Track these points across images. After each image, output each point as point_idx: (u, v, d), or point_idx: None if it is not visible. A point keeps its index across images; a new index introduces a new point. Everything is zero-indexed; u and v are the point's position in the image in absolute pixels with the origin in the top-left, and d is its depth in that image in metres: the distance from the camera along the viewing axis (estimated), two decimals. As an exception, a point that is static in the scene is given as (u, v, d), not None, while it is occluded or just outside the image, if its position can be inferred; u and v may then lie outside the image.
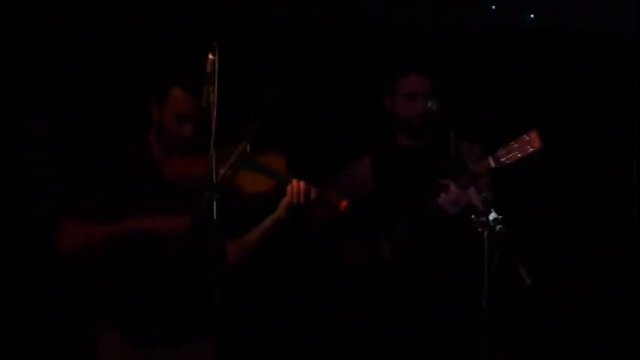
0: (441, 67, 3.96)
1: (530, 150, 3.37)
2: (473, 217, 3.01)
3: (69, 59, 4.18)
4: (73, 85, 4.19)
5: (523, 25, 4.49)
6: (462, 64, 4.45)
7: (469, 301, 3.27)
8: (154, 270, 3.19)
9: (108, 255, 3.17)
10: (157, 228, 3.14)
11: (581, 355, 4.55)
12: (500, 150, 3.42)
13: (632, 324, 4.38)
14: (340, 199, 3.20)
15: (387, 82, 3.75)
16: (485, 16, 4.42)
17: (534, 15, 4.44)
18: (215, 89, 2.76)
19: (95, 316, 3.27)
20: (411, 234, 3.60)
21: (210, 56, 2.76)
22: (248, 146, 3.15)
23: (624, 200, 4.51)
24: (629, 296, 4.41)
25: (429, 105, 3.46)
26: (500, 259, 2.96)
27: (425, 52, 4.40)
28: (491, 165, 3.43)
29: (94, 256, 3.18)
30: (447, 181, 3.46)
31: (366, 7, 4.39)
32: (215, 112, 2.75)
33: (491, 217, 2.96)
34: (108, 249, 3.15)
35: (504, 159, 3.41)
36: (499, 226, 2.95)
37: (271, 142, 3.20)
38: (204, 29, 4.00)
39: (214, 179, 2.76)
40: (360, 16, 4.42)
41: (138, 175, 3.21)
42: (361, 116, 4.41)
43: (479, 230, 2.96)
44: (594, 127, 4.55)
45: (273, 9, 4.30)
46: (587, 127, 4.56)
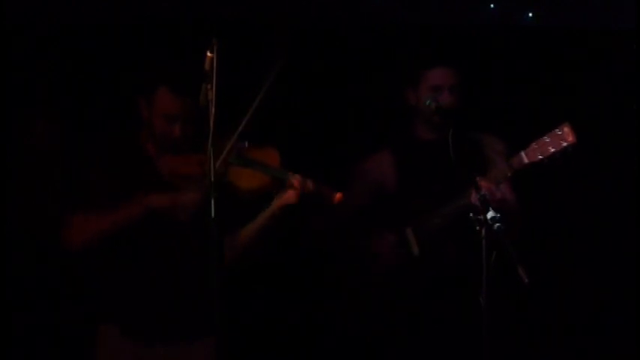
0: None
1: (564, 145, 3.23)
2: (471, 215, 3.00)
3: (67, 58, 4.18)
4: (71, 84, 4.19)
5: (522, 24, 4.49)
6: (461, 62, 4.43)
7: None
8: (154, 268, 3.20)
9: (117, 244, 3.16)
10: (165, 204, 3.12)
11: (581, 355, 4.55)
12: (533, 145, 3.29)
13: (633, 324, 4.38)
14: (334, 191, 3.17)
15: (410, 74, 3.70)
16: (484, 15, 4.43)
17: (533, 14, 4.44)
18: (213, 87, 2.75)
19: (96, 313, 3.27)
20: (441, 230, 3.54)
21: (209, 54, 2.75)
22: (246, 142, 3.15)
23: (624, 199, 4.51)
24: (629, 296, 4.41)
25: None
26: (498, 257, 2.96)
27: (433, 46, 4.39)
28: (525, 161, 3.30)
29: (103, 248, 3.17)
30: (480, 178, 3.31)
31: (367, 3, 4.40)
32: (213, 109, 2.75)
33: (489, 215, 2.95)
34: (118, 236, 3.13)
35: (538, 154, 3.27)
36: (497, 225, 2.94)
37: (279, 137, 3.20)
38: (201, 27, 4.00)
39: (212, 177, 2.75)
40: (364, 12, 4.43)
41: (135, 173, 3.21)
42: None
43: (477, 228, 2.96)
44: (594, 126, 4.54)
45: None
46: (586, 127, 4.54)
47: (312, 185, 3.13)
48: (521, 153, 3.32)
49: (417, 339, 3.62)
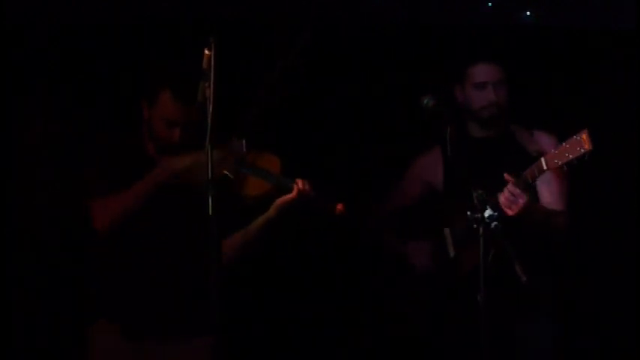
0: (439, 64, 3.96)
1: (582, 151, 3.22)
2: (468, 213, 3.01)
3: (67, 58, 4.18)
4: (71, 84, 4.19)
5: (520, 23, 4.49)
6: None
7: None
8: (151, 265, 3.21)
9: (132, 227, 3.17)
10: (182, 165, 3.12)
11: (581, 355, 4.55)
12: (553, 151, 3.30)
13: (633, 323, 4.38)
14: (335, 202, 3.19)
15: (456, 71, 3.71)
16: (482, 14, 4.43)
17: (530, 12, 4.44)
18: (211, 85, 2.76)
19: (90, 309, 3.28)
20: (471, 231, 3.53)
21: (207, 52, 2.76)
22: (243, 144, 3.15)
23: (624, 199, 4.51)
24: (628, 295, 4.41)
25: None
26: (496, 256, 2.97)
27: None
28: (544, 167, 3.30)
29: (131, 225, 3.17)
30: (507, 177, 3.32)
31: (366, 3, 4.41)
32: (211, 107, 2.75)
33: (487, 214, 2.96)
34: (143, 208, 3.14)
35: (557, 160, 3.27)
36: (494, 223, 2.95)
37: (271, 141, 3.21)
38: (201, 27, 4.00)
39: (210, 175, 2.76)
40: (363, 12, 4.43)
41: (134, 172, 3.20)
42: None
43: (474, 227, 2.97)
44: (593, 125, 4.54)
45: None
46: (585, 126, 4.54)
47: (311, 193, 3.15)
48: (541, 160, 3.33)
49: (447, 341, 3.65)
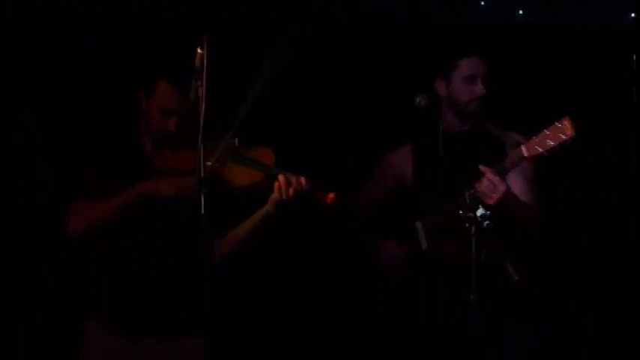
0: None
1: (564, 138, 3.23)
2: (461, 212, 3.01)
3: (65, 55, 4.20)
4: (71, 84, 4.21)
5: (512, 22, 4.49)
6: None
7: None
8: (144, 263, 3.21)
9: (110, 239, 3.17)
10: (165, 192, 3.12)
11: (580, 354, 4.55)
12: (533, 138, 3.29)
13: (632, 323, 4.37)
14: (326, 191, 3.14)
15: (441, 65, 3.71)
16: (474, 13, 4.43)
17: (527, 12, 4.43)
18: (203, 83, 2.77)
19: (84, 308, 3.28)
20: (448, 224, 3.51)
21: (199, 50, 2.77)
22: (236, 140, 3.15)
23: (624, 199, 4.50)
24: (628, 294, 4.40)
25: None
26: (488, 255, 2.97)
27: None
28: (524, 154, 3.30)
29: (105, 234, 3.17)
30: (484, 169, 3.32)
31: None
32: (203, 106, 2.76)
33: (479, 212, 2.96)
34: (120, 220, 3.13)
35: (538, 147, 3.27)
36: (487, 222, 2.95)
37: (262, 135, 3.21)
38: (201, 27, 4.01)
39: (202, 173, 2.77)
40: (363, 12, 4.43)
41: (129, 168, 3.22)
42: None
43: (466, 226, 2.97)
44: (593, 123, 4.54)
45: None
46: (585, 126, 4.53)
47: (302, 183, 3.09)
48: (522, 147, 3.32)
49: (421, 333, 3.64)
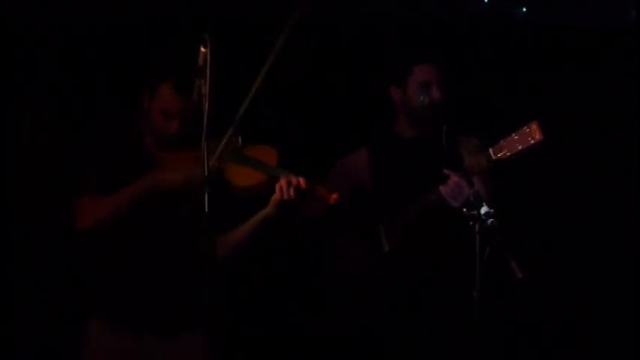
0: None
1: (532, 142, 3.30)
2: (464, 210, 3.02)
3: (65, 55, 4.20)
4: (71, 83, 4.21)
5: (516, 18, 4.49)
6: (455, 57, 4.43)
7: (464, 296, 3.27)
8: (145, 263, 3.21)
9: (122, 228, 3.17)
10: (173, 181, 3.13)
11: (580, 354, 4.54)
12: (501, 142, 3.36)
13: (632, 322, 4.37)
14: (330, 192, 3.13)
15: (396, 71, 3.72)
16: (478, 8, 4.43)
17: (526, 8, 4.44)
18: (207, 82, 2.77)
19: (84, 306, 3.28)
20: (411, 227, 3.58)
21: (202, 49, 2.77)
22: (239, 139, 3.15)
23: (624, 198, 4.51)
24: (628, 293, 4.41)
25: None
26: (492, 252, 2.97)
27: (420, 43, 4.39)
28: (492, 157, 3.37)
29: (113, 228, 3.17)
30: (448, 172, 3.41)
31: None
32: (207, 105, 2.76)
33: (483, 210, 2.97)
34: (128, 214, 3.14)
35: (505, 151, 3.35)
36: (490, 220, 2.95)
37: (264, 134, 3.21)
38: (202, 27, 4.00)
39: (206, 172, 2.76)
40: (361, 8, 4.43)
41: (131, 166, 3.22)
42: (355, 108, 4.41)
43: (470, 224, 2.97)
44: (593, 122, 4.55)
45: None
46: (583, 123, 4.55)
47: (304, 184, 3.08)
48: (489, 150, 3.39)
49: (393, 335, 3.65)
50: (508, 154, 3.34)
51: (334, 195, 3.12)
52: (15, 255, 4.02)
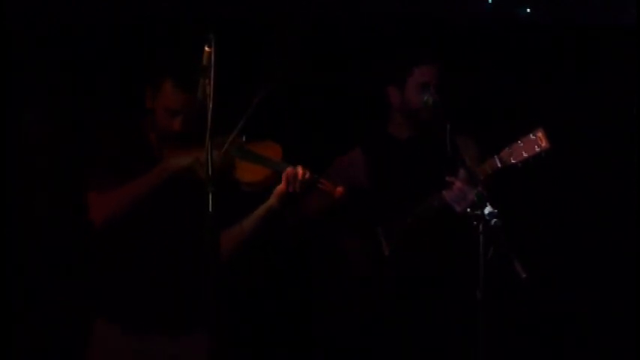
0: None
1: (538, 150, 3.30)
2: (469, 210, 3.02)
3: (65, 55, 4.19)
4: (71, 83, 4.20)
5: (517, 18, 4.50)
6: (456, 56, 4.44)
7: (465, 297, 3.27)
8: (150, 262, 3.21)
9: (130, 224, 3.17)
10: (183, 164, 3.13)
11: (581, 354, 4.55)
12: (506, 149, 3.35)
13: (633, 322, 4.38)
14: (335, 185, 3.13)
15: (395, 72, 3.72)
16: (482, 9, 4.43)
17: (530, 9, 4.44)
18: (211, 81, 2.76)
19: (91, 305, 3.28)
20: (412, 229, 3.58)
21: (207, 48, 2.77)
22: (244, 137, 3.15)
23: (624, 198, 4.51)
24: (628, 293, 4.41)
25: (425, 99, 3.47)
26: (495, 252, 2.97)
27: (420, 43, 4.39)
28: (498, 165, 3.36)
29: (125, 220, 3.16)
30: (452, 178, 3.39)
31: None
32: (211, 104, 2.76)
33: (487, 210, 2.96)
34: (140, 205, 3.14)
35: (511, 159, 3.33)
36: (494, 220, 2.95)
37: (265, 132, 3.20)
38: (202, 27, 4.00)
39: (210, 171, 2.76)
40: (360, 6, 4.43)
41: (134, 162, 3.22)
42: (351, 107, 4.41)
43: (474, 224, 2.97)
44: (592, 121, 4.55)
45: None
46: (585, 122, 4.55)
47: (309, 178, 3.09)
48: (495, 157, 3.38)
49: (391, 339, 3.65)
50: (514, 161, 3.33)
51: (339, 188, 3.12)
52: (16, 255, 4.02)
